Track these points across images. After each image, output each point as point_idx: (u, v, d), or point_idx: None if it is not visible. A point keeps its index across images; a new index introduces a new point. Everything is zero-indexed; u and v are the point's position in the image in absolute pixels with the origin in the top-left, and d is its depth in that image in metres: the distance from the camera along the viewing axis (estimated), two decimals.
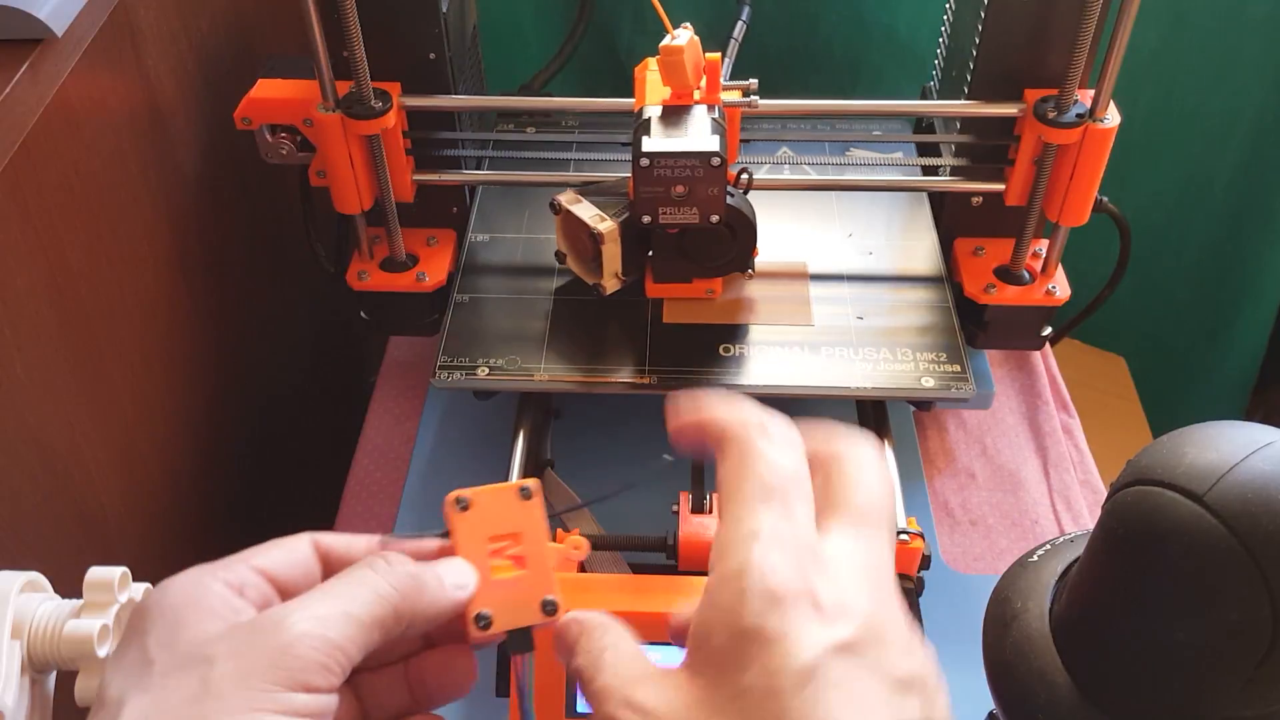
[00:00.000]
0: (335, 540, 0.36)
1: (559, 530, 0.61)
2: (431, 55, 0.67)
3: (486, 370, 0.67)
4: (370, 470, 0.76)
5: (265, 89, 0.67)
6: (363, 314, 0.74)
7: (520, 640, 0.36)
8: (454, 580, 0.35)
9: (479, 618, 0.35)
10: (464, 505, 0.36)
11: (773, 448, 0.33)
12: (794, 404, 0.77)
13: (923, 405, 0.72)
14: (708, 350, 0.68)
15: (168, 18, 0.66)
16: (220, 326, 0.75)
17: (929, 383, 0.66)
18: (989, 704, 0.47)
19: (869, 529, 0.32)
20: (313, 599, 0.32)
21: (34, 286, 0.53)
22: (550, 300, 0.71)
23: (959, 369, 0.67)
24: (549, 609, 0.35)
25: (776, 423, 0.34)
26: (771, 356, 0.67)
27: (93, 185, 0.58)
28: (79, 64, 0.56)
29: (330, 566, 0.35)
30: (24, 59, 0.53)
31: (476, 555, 0.36)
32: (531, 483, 0.37)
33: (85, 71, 0.56)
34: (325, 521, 0.74)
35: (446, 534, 0.36)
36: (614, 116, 0.70)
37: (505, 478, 0.63)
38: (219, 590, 0.32)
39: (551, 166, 0.72)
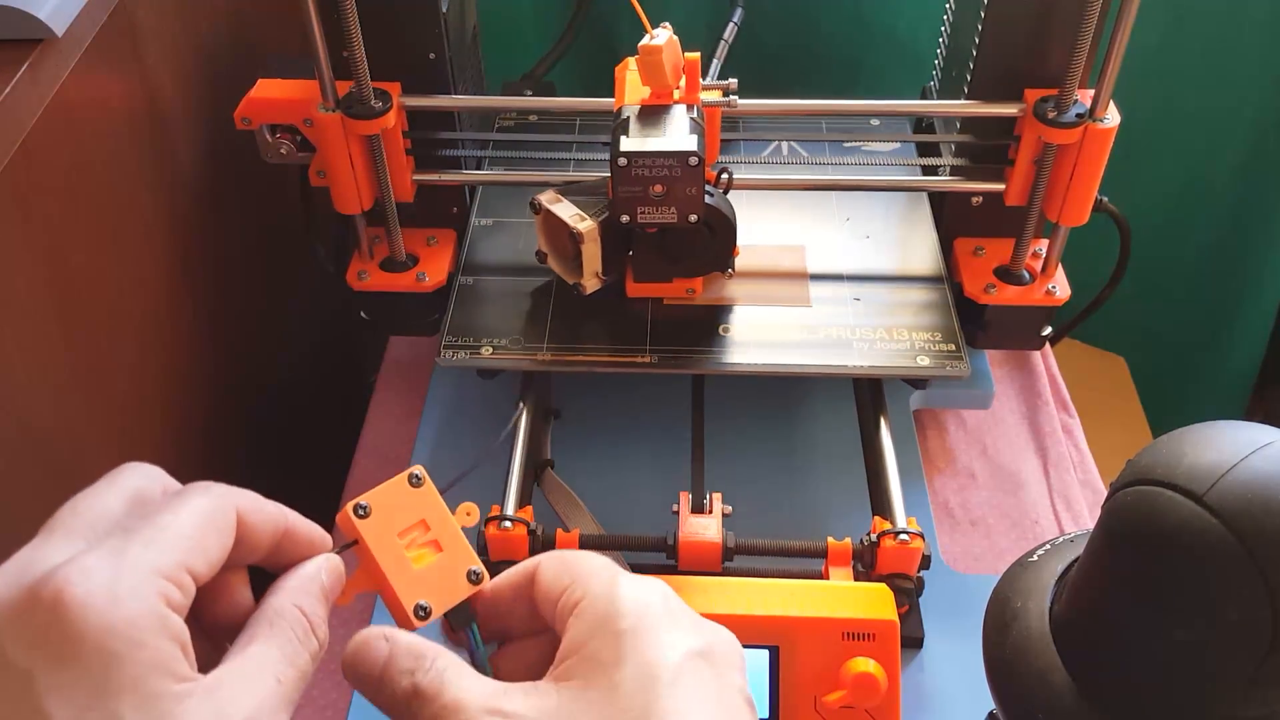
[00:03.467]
0: (252, 507, 0.34)
1: (558, 528, 0.61)
2: (431, 55, 0.67)
3: (490, 350, 0.68)
4: (370, 470, 0.76)
5: (265, 89, 0.67)
6: (363, 314, 0.74)
7: (459, 615, 0.37)
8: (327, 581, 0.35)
9: (419, 609, 0.36)
10: (364, 512, 0.37)
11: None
12: (792, 383, 0.78)
13: (918, 384, 0.73)
14: (707, 330, 0.69)
15: (168, 18, 0.66)
16: (220, 326, 0.76)
17: (924, 361, 0.67)
18: (989, 704, 0.47)
19: None
20: (237, 692, 0.30)
21: (34, 286, 0.53)
22: (553, 282, 0.72)
23: (954, 348, 0.67)
24: (474, 578, 0.38)
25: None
26: (770, 337, 0.68)
27: (93, 185, 0.58)
28: (79, 64, 0.56)
29: (243, 528, 0.33)
30: (24, 59, 0.53)
31: (393, 553, 0.37)
32: (418, 469, 0.38)
33: (85, 71, 0.56)
34: (326, 521, 0.74)
35: (349, 544, 0.37)
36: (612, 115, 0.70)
37: (506, 476, 0.64)
38: (171, 623, 0.29)
39: (551, 166, 0.73)
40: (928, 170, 0.78)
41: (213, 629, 0.34)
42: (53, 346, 0.55)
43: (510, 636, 0.38)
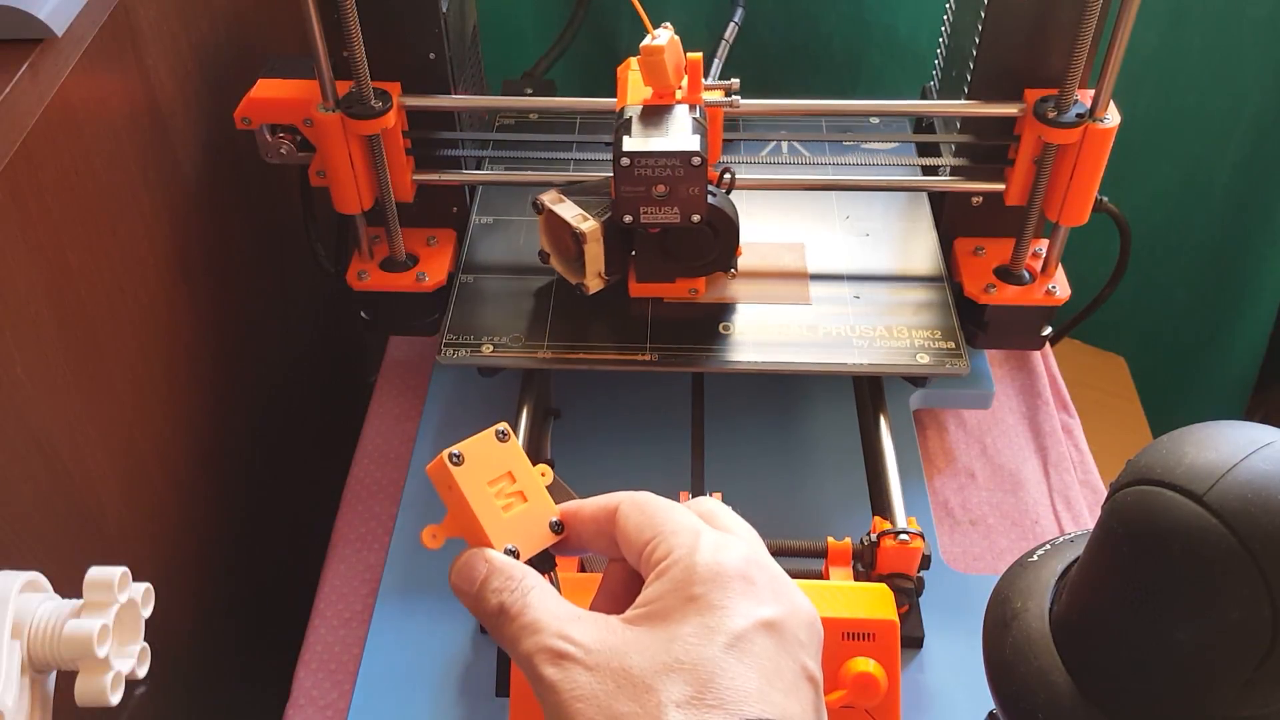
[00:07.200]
0: None
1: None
2: (431, 55, 0.67)
3: (491, 348, 0.68)
4: (370, 470, 0.76)
5: (265, 89, 0.67)
6: (363, 314, 0.75)
7: (543, 561, 0.40)
8: None
9: (508, 553, 0.39)
10: (459, 460, 0.39)
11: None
12: (792, 383, 0.78)
13: (918, 381, 0.73)
14: (707, 329, 0.69)
15: (168, 18, 0.66)
16: (220, 326, 0.75)
17: (924, 359, 0.67)
18: (989, 704, 0.47)
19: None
20: None
21: (34, 286, 0.53)
22: (553, 280, 0.72)
23: (954, 346, 0.68)
24: (556, 528, 0.40)
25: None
26: (770, 335, 0.69)
27: (93, 185, 0.58)
28: (79, 64, 0.56)
29: None
30: (24, 59, 0.53)
31: (486, 499, 0.39)
32: (503, 425, 0.41)
33: (85, 71, 0.56)
34: (325, 521, 0.74)
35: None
36: (613, 115, 0.70)
37: None
38: None
39: (552, 165, 0.73)
40: (928, 170, 0.78)
41: None
42: (52, 346, 0.55)
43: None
